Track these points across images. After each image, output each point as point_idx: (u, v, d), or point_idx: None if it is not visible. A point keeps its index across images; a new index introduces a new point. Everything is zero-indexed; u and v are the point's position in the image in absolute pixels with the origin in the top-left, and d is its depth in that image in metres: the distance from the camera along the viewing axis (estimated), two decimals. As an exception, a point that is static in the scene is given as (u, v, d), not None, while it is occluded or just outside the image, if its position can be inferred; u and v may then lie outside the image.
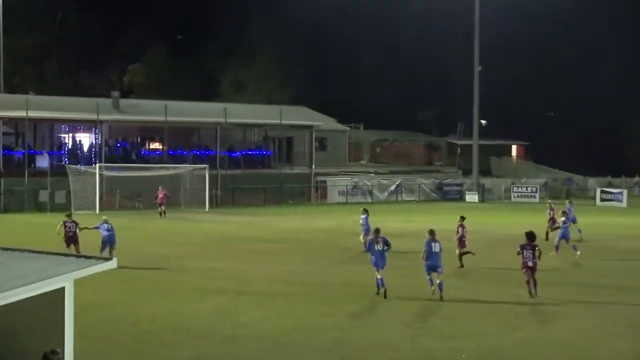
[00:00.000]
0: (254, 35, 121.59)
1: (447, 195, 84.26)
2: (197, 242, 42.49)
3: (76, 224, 35.57)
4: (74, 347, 14.12)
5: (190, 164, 70.21)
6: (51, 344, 13.40)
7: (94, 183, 62.36)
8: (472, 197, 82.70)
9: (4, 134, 67.89)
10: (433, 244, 27.16)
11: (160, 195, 59.34)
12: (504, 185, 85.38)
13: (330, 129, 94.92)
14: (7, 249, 15.40)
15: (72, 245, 34.60)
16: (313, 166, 79.84)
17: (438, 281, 26.75)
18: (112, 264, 14.42)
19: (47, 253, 14.95)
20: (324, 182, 79.49)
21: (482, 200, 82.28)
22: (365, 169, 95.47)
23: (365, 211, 39.44)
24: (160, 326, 22.23)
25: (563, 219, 38.34)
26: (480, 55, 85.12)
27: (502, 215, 62.73)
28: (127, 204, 65.53)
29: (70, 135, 75.34)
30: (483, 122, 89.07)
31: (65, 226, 35.43)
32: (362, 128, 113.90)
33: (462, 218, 35.19)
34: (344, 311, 24.45)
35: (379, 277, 26.99)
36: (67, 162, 66.24)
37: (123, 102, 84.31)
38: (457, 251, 33.96)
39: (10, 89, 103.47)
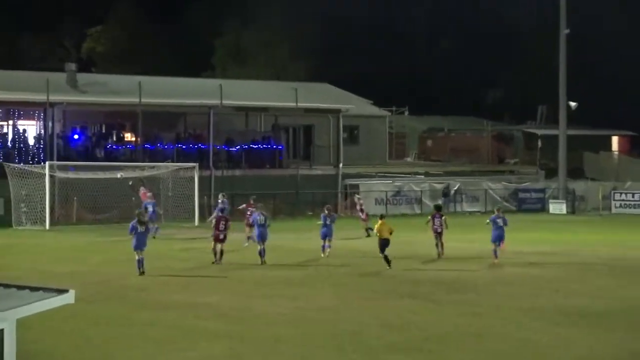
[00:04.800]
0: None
1: (523, 204, 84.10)
2: (182, 268, 42.56)
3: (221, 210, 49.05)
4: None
5: (173, 161, 70.32)
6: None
7: (43, 188, 62.55)
8: (558, 207, 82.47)
9: None
10: (328, 218, 47.23)
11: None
12: (601, 191, 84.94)
13: (364, 115, 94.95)
14: None
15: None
16: (340, 165, 79.80)
17: (327, 245, 46.96)
18: (69, 297, 14.46)
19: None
20: (356, 186, 79.33)
21: (571, 211, 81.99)
22: (412, 169, 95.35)
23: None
24: (132, 382, 22.28)
25: None
26: (569, 16, 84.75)
27: (598, 232, 62.49)
28: (88, 216, 65.59)
29: (10, 122, 75.43)
30: (572, 104, 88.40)
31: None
32: (407, 113, 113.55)
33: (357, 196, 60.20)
34: (382, 362, 24.48)
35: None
36: (2, 159, 66.29)
37: (82, 77, 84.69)
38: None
39: None
